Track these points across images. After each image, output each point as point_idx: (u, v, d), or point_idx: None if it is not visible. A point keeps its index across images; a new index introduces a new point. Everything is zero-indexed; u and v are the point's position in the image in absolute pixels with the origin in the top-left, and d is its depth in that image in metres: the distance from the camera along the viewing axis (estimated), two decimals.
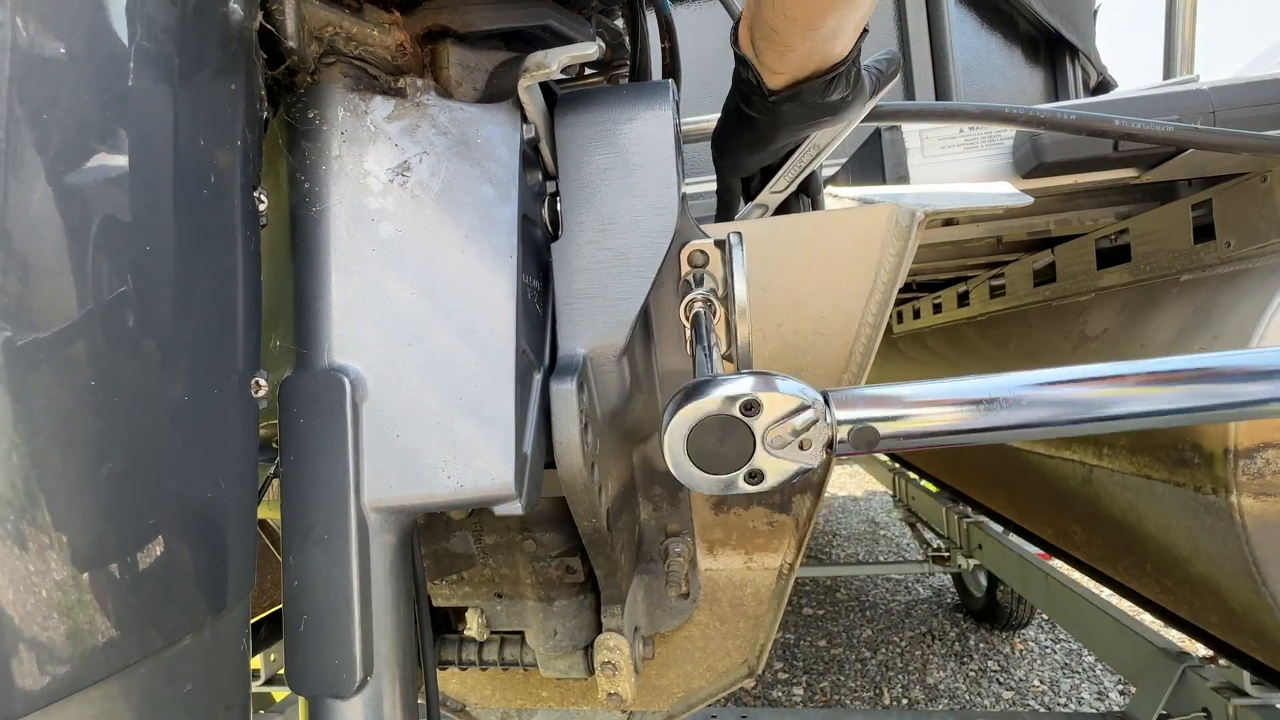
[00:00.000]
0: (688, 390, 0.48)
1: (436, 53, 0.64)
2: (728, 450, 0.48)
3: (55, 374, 0.37)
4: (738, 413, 0.47)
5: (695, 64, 1.75)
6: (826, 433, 0.49)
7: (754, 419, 0.48)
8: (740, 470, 0.48)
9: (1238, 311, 1.04)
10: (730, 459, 0.48)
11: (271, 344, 0.59)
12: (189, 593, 0.44)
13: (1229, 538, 1.03)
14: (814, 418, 0.49)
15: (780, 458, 0.49)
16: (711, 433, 0.48)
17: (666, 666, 1.03)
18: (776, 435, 0.48)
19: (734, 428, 0.48)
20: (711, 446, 0.48)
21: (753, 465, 0.49)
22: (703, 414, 0.47)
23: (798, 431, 0.48)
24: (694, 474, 0.48)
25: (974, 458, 2.18)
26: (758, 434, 0.48)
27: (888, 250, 0.81)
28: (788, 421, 0.48)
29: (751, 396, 0.47)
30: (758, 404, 0.47)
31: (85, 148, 0.38)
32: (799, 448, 0.49)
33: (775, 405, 0.48)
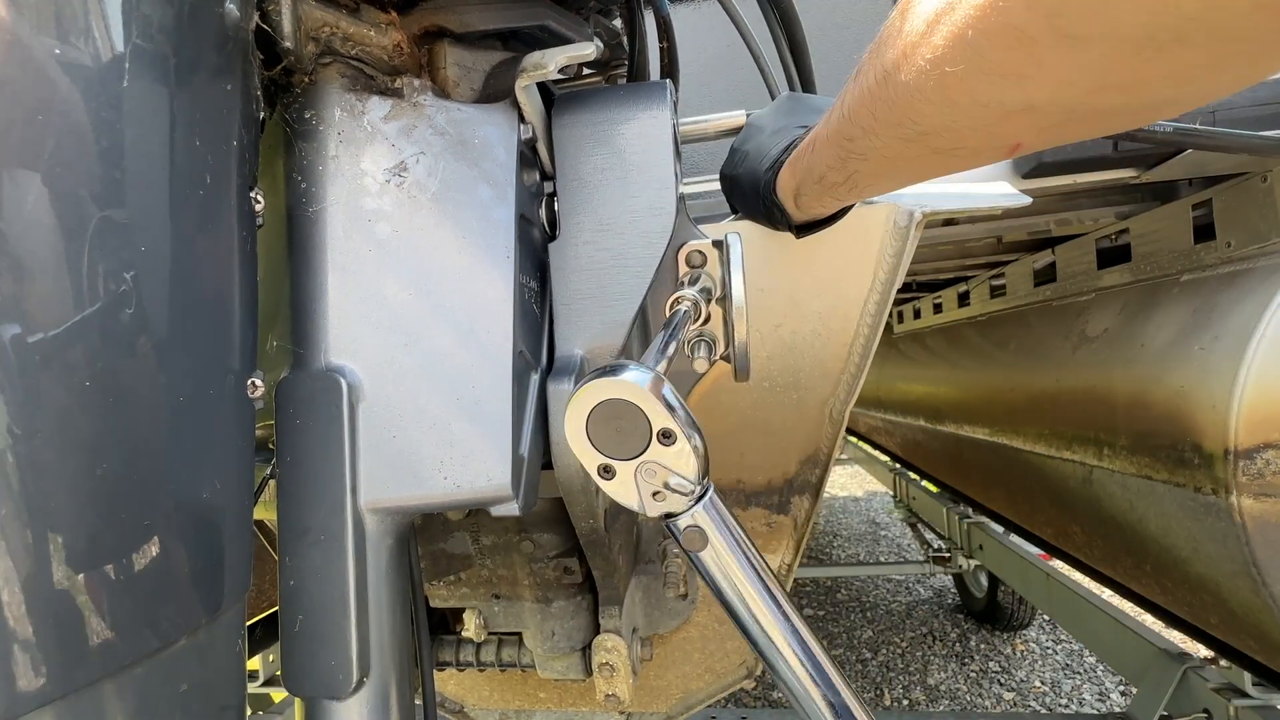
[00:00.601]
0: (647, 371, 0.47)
1: (434, 53, 0.64)
2: (613, 441, 0.47)
3: (51, 374, 0.37)
4: (655, 430, 0.47)
5: (693, 64, 1.75)
6: (680, 506, 0.51)
7: (659, 446, 0.48)
8: (607, 458, 0.48)
9: (1238, 311, 1.04)
10: (611, 445, 0.48)
11: (268, 344, 0.59)
12: (185, 594, 0.44)
13: (1229, 538, 1.02)
14: (687, 492, 0.50)
15: (634, 484, 0.49)
16: (619, 419, 0.47)
17: (665, 667, 1.03)
18: (653, 470, 0.49)
19: (637, 434, 0.47)
20: (612, 423, 0.47)
21: (614, 466, 0.48)
22: (636, 402, 0.46)
23: (667, 488, 0.49)
24: (578, 430, 0.47)
25: (975, 458, 2.17)
26: (645, 454, 0.48)
27: (886, 250, 0.81)
28: (672, 475, 0.49)
29: (674, 431, 0.47)
30: (674, 439, 0.47)
31: (81, 148, 0.38)
32: (652, 494, 0.50)
33: (680, 457, 0.48)
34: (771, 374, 0.87)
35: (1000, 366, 1.92)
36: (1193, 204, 1.25)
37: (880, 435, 3.80)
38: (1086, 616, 2.07)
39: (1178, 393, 1.11)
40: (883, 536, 5.14)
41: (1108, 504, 1.38)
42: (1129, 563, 1.44)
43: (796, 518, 0.93)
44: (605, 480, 0.49)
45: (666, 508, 0.51)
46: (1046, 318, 1.72)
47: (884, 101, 0.44)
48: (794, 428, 0.89)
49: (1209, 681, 1.59)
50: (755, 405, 0.88)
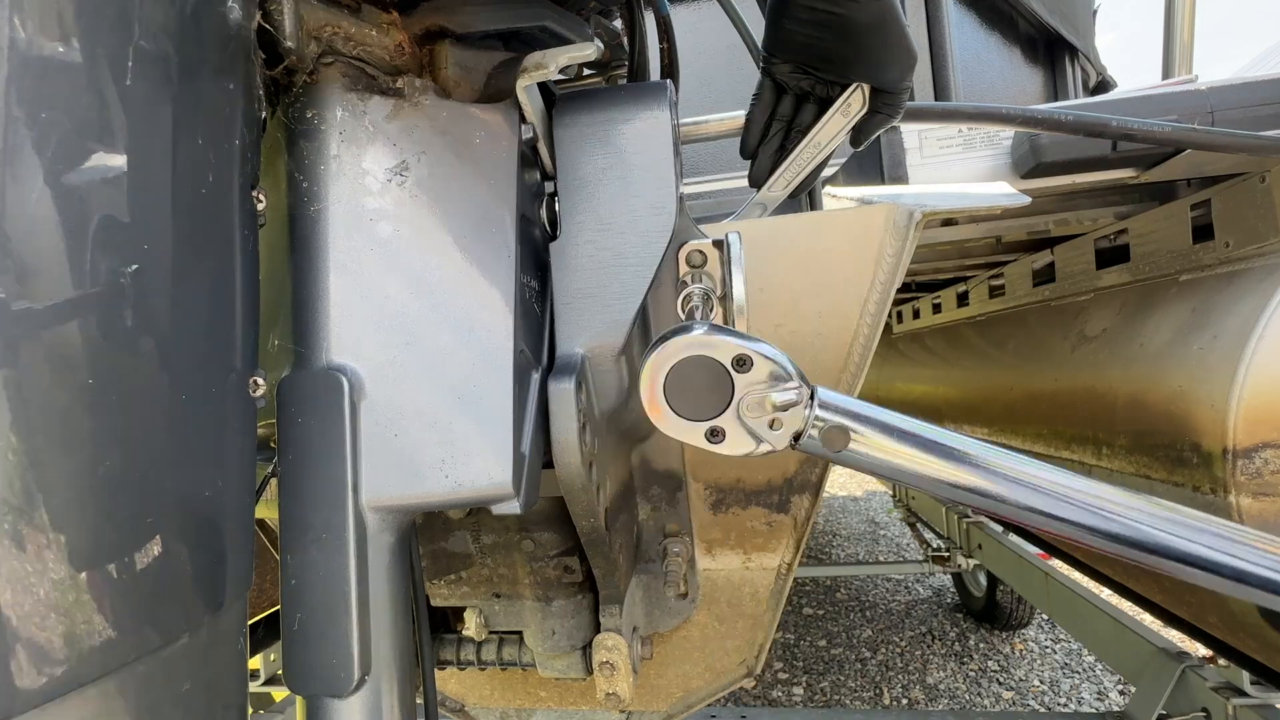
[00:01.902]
0: (687, 327, 0.47)
1: (435, 53, 0.64)
2: (703, 397, 0.46)
3: (53, 373, 0.37)
4: (728, 363, 0.45)
5: (693, 64, 1.75)
6: (799, 420, 0.48)
7: (741, 375, 0.46)
8: (706, 421, 0.47)
9: (1236, 311, 1.04)
10: (702, 407, 0.46)
11: (270, 343, 0.59)
12: (186, 592, 0.44)
13: None
14: (795, 399, 0.47)
15: (747, 427, 0.47)
16: (694, 374, 0.46)
17: (665, 666, 1.03)
18: (754, 401, 0.47)
19: (718, 377, 0.46)
20: (689, 387, 0.46)
21: (719, 422, 0.47)
22: (695, 351, 0.45)
23: (775, 407, 0.47)
24: (663, 407, 0.46)
25: None
26: (737, 392, 0.46)
27: (886, 250, 0.81)
28: (769, 393, 0.47)
29: (746, 352, 0.45)
30: (749, 361, 0.46)
31: (83, 147, 0.38)
32: (769, 425, 0.47)
33: (764, 370, 0.46)
34: None
35: (999, 366, 1.92)
36: (1191, 204, 1.25)
37: None
38: (1085, 615, 2.07)
39: (1176, 392, 1.11)
40: (882, 536, 5.15)
41: None
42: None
43: (796, 516, 0.94)
44: (718, 443, 0.47)
45: (791, 427, 0.48)
46: (1045, 318, 1.72)
47: None
48: None
49: (1207, 680, 1.59)
50: None
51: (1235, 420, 0.98)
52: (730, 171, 1.71)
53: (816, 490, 0.92)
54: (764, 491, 0.94)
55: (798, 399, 0.47)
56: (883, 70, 0.73)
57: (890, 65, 0.73)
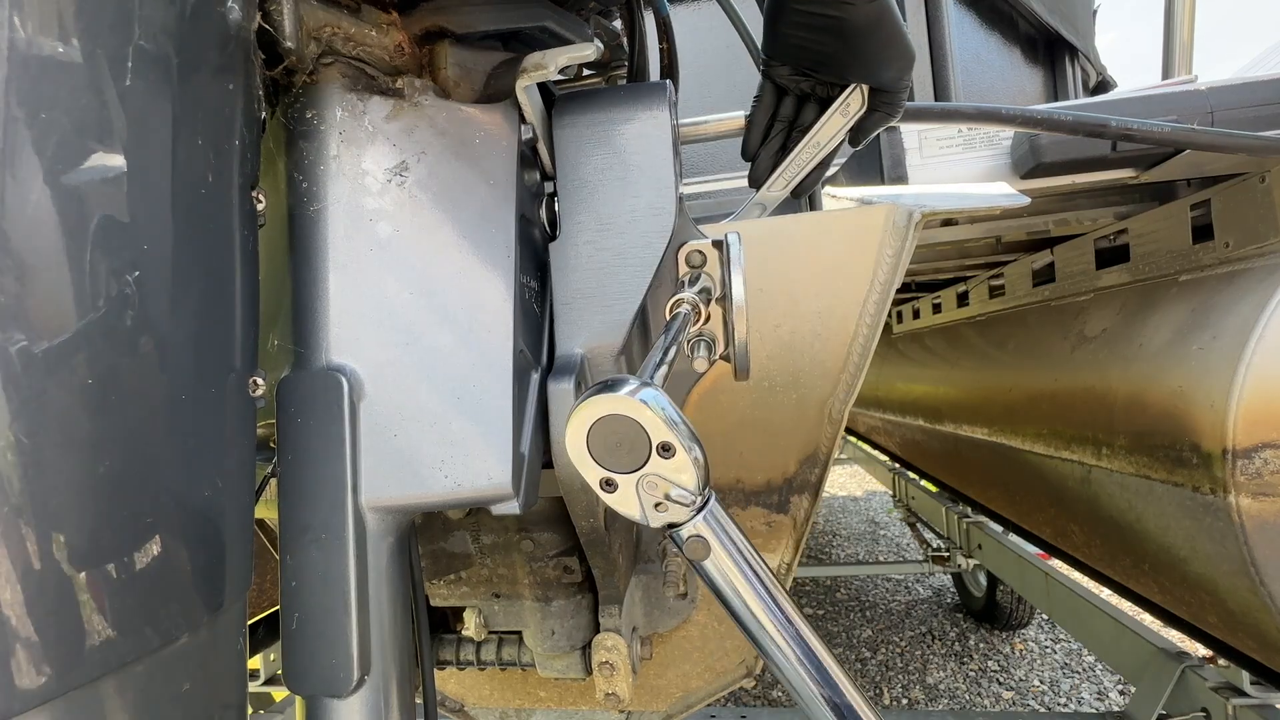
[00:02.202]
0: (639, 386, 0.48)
1: (434, 53, 0.64)
2: (614, 454, 0.49)
3: (53, 373, 0.37)
4: (654, 444, 0.48)
5: (693, 65, 1.75)
6: (682, 516, 0.52)
7: (659, 457, 0.48)
8: (608, 471, 0.49)
9: (1236, 311, 1.04)
10: (612, 459, 0.49)
11: (269, 343, 0.59)
12: (186, 592, 0.44)
13: (1227, 538, 1.03)
14: (688, 502, 0.51)
15: (637, 495, 0.50)
16: (618, 433, 0.48)
17: (665, 666, 1.03)
18: (653, 483, 0.49)
19: (638, 448, 0.48)
20: (608, 441, 0.48)
21: (615, 479, 0.49)
22: (634, 416, 0.47)
23: (668, 499, 0.50)
24: (578, 444, 0.48)
25: (974, 458, 2.18)
26: (645, 467, 0.49)
27: (885, 250, 0.81)
28: (673, 487, 0.50)
29: (673, 444, 0.48)
30: (673, 451, 0.48)
31: (83, 147, 0.39)
32: (654, 504, 0.51)
33: (680, 469, 0.49)
34: (771, 373, 0.87)
35: (999, 366, 1.92)
36: (1191, 204, 1.25)
37: (879, 435, 3.81)
38: (1085, 615, 2.07)
39: (1176, 392, 1.11)
40: (882, 536, 5.15)
41: (1106, 503, 1.38)
42: (1127, 562, 1.44)
43: (796, 517, 0.94)
44: (607, 493, 0.50)
45: (669, 518, 0.51)
46: (1045, 318, 1.72)
47: None
48: (793, 427, 0.89)
49: (1207, 680, 1.59)
50: (755, 405, 0.89)
51: (1235, 420, 0.98)
52: (730, 171, 1.71)
53: (816, 491, 0.92)
54: (763, 492, 0.94)
55: (689, 502, 0.51)
56: (881, 70, 0.74)
57: (888, 65, 0.73)
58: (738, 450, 0.92)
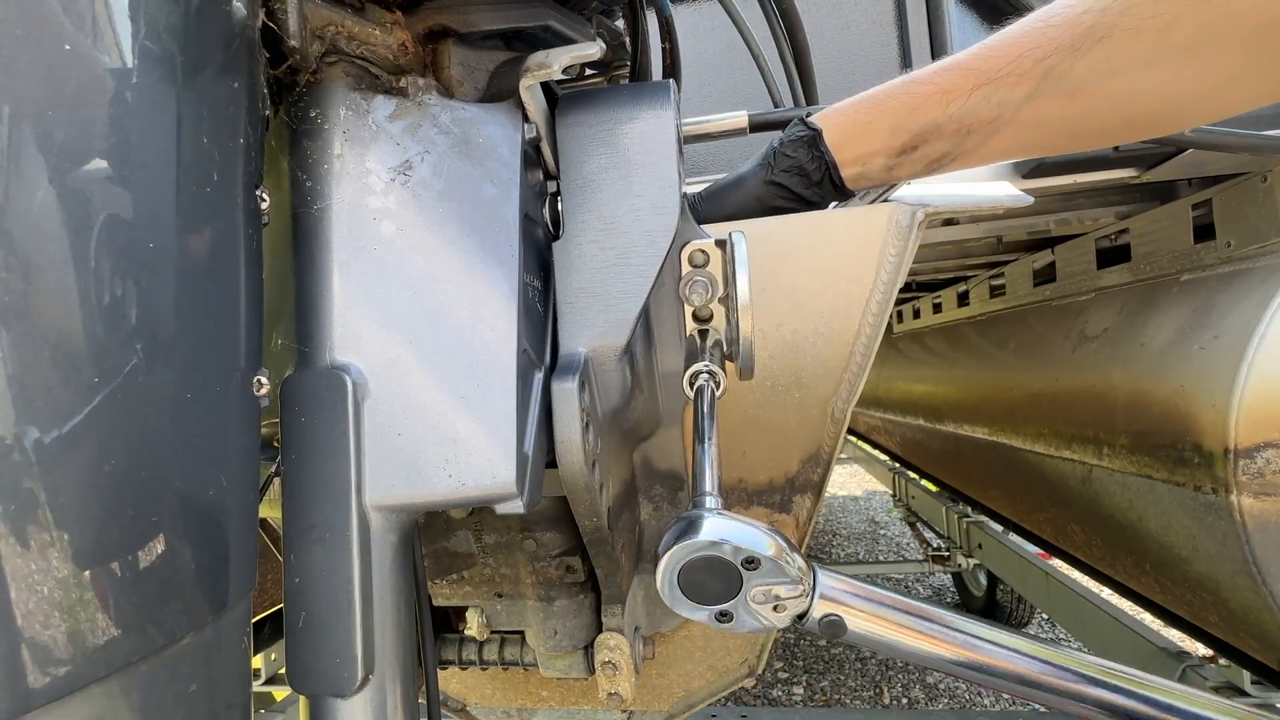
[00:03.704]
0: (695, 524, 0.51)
1: (438, 52, 0.64)
2: (713, 585, 0.52)
3: (58, 372, 0.37)
4: (738, 564, 0.51)
5: (695, 64, 1.75)
6: (802, 606, 0.54)
7: (749, 573, 0.51)
8: (714, 608, 0.52)
9: (1238, 311, 1.04)
10: (712, 594, 0.52)
11: (273, 343, 0.59)
12: (190, 591, 0.44)
13: (1229, 537, 1.03)
14: (798, 593, 0.53)
15: (753, 611, 0.53)
16: (703, 570, 0.51)
17: (667, 666, 1.03)
18: (760, 592, 0.52)
19: (729, 574, 0.51)
20: (701, 576, 0.51)
21: (727, 608, 0.53)
22: (705, 553, 0.51)
23: (779, 598, 0.53)
24: (678, 598, 0.52)
25: (974, 457, 2.18)
26: (745, 587, 0.52)
27: (888, 250, 0.81)
28: (775, 585, 0.52)
29: (755, 555, 0.51)
30: (758, 563, 0.51)
31: (88, 146, 0.38)
32: (774, 609, 0.53)
33: (772, 570, 0.51)
34: (774, 373, 0.87)
35: (1000, 366, 1.92)
36: (1192, 204, 1.25)
37: (880, 435, 3.81)
38: (1085, 615, 2.07)
39: (1177, 392, 1.11)
40: (882, 535, 5.15)
41: (1107, 503, 1.38)
42: (1128, 561, 1.44)
43: (799, 516, 0.94)
44: (725, 624, 0.53)
45: (792, 612, 0.54)
46: (1046, 317, 1.72)
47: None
48: (796, 426, 0.89)
49: (1207, 679, 1.59)
50: (757, 404, 0.88)
51: (1237, 420, 0.99)
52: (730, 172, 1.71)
53: (818, 490, 0.92)
54: (766, 491, 0.94)
55: (799, 592, 0.53)
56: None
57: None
58: (740, 450, 0.92)
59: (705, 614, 0.52)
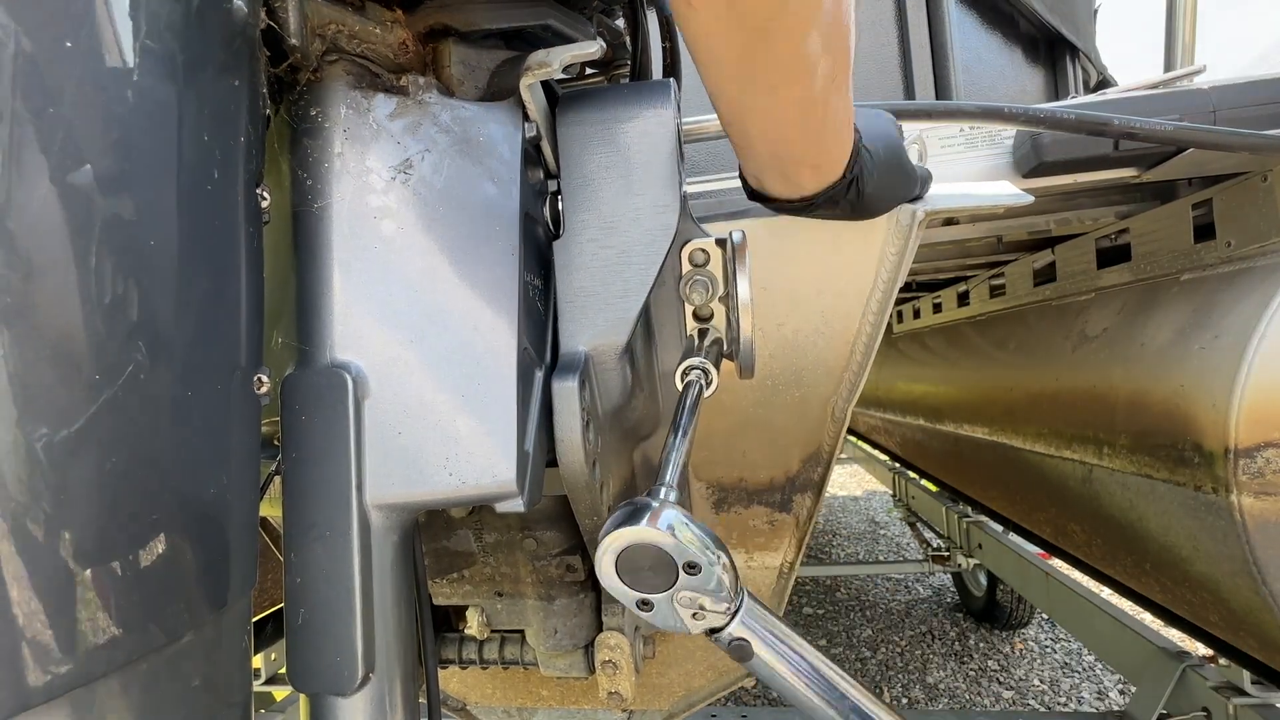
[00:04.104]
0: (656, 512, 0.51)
1: (438, 51, 0.64)
2: (648, 574, 0.52)
3: (58, 370, 0.37)
4: (681, 565, 0.52)
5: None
6: (720, 623, 0.55)
7: (686, 576, 0.52)
8: (642, 595, 0.53)
9: (1238, 311, 1.04)
10: (644, 583, 0.53)
11: (274, 341, 0.59)
12: (191, 589, 0.44)
13: (1229, 537, 1.03)
14: (722, 610, 0.54)
15: (671, 610, 0.54)
16: (645, 559, 0.52)
17: (667, 665, 1.03)
18: (688, 596, 0.53)
19: (667, 569, 0.52)
20: (640, 562, 0.52)
21: (652, 599, 0.53)
22: (656, 543, 0.51)
23: (703, 608, 0.54)
24: (610, 571, 0.52)
25: (974, 457, 2.18)
26: (677, 585, 0.52)
27: (888, 250, 0.81)
28: (705, 596, 0.53)
29: (698, 563, 0.51)
30: (698, 570, 0.52)
31: (88, 145, 0.38)
32: (691, 615, 0.54)
33: (707, 582, 0.52)
34: (774, 372, 0.87)
35: (1000, 366, 1.92)
36: (1193, 203, 1.25)
37: (880, 434, 3.81)
38: (1085, 615, 2.07)
39: (1177, 392, 1.11)
40: (882, 535, 5.15)
41: (1107, 503, 1.38)
42: (1128, 561, 1.44)
43: (799, 516, 0.94)
44: (644, 612, 0.53)
45: (708, 624, 0.55)
46: (1046, 317, 1.72)
47: None
48: (796, 426, 0.89)
49: (1208, 680, 1.59)
50: (758, 403, 0.89)
51: (1237, 420, 0.99)
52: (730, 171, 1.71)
53: (818, 490, 0.92)
54: (766, 491, 0.94)
55: (724, 610, 0.54)
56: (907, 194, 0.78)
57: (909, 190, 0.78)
58: (740, 449, 0.92)
59: (631, 598, 0.53)
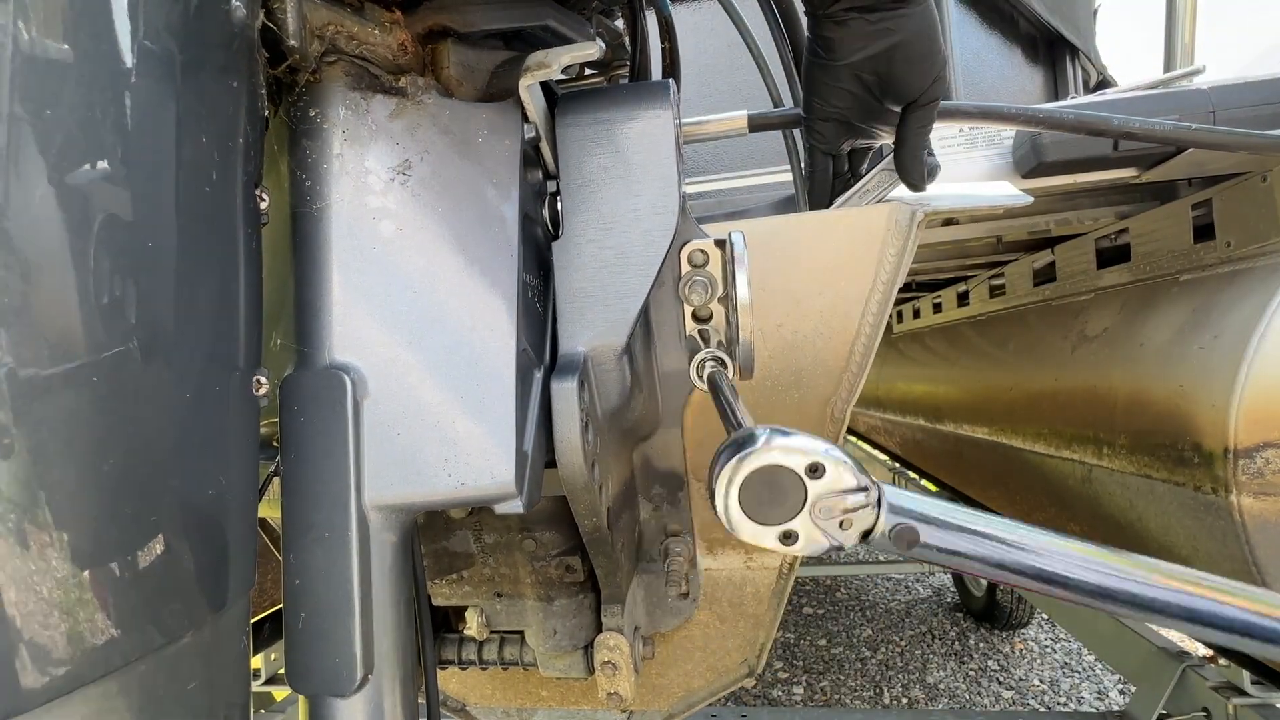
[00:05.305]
0: (751, 436, 0.48)
1: (437, 52, 0.64)
2: (775, 503, 0.48)
3: (57, 371, 0.37)
4: (802, 471, 0.47)
5: (695, 64, 1.75)
6: (870, 519, 0.50)
7: (814, 482, 0.48)
8: (779, 526, 0.49)
9: (1238, 311, 1.04)
10: (775, 513, 0.48)
11: (273, 342, 0.59)
12: (190, 590, 0.44)
13: (1228, 537, 1.03)
14: (866, 502, 0.49)
15: (818, 527, 0.49)
16: (765, 483, 0.48)
17: (666, 666, 1.03)
18: (826, 505, 0.48)
19: (791, 485, 0.48)
20: (762, 495, 0.48)
21: (792, 526, 0.49)
22: (769, 463, 0.47)
23: (847, 510, 0.49)
24: (738, 516, 0.48)
25: (974, 457, 2.18)
26: (810, 498, 0.48)
27: (887, 250, 0.81)
28: (842, 497, 0.48)
29: (819, 461, 0.47)
30: (822, 469, 0.48)
31: (87, 146, 0.38)
32: (839, 525, 0.49)
33: (837, 478, 0.48)
34: (773, 373, 0.87)
35: (999, 366, 1.92)
36: (1192, 204, 1.25)
37: (879, 434, 3.81)
38: (1085, 615, 2.07)
39: (1177, 392, 1.11)
40: None
41: (1107, 503, 1.38)
42: None
43: None
44: (789, 545, 0.49)
45: (860, 528, 0.50)
46: (1046, 317, 1.72)
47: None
48: (795, 426, 0.89)
49: (1208, 680, 1.59)
50: (757, 404, 0.88)
51: (1236, 420, 0.99)
52: (731, 171, 1.71)
53: None
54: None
55: (866, 501, 0.49)
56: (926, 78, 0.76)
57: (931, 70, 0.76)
58: None
59: (771, 535, 0.48)
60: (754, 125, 0.95)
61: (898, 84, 0.75)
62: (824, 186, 0.87)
